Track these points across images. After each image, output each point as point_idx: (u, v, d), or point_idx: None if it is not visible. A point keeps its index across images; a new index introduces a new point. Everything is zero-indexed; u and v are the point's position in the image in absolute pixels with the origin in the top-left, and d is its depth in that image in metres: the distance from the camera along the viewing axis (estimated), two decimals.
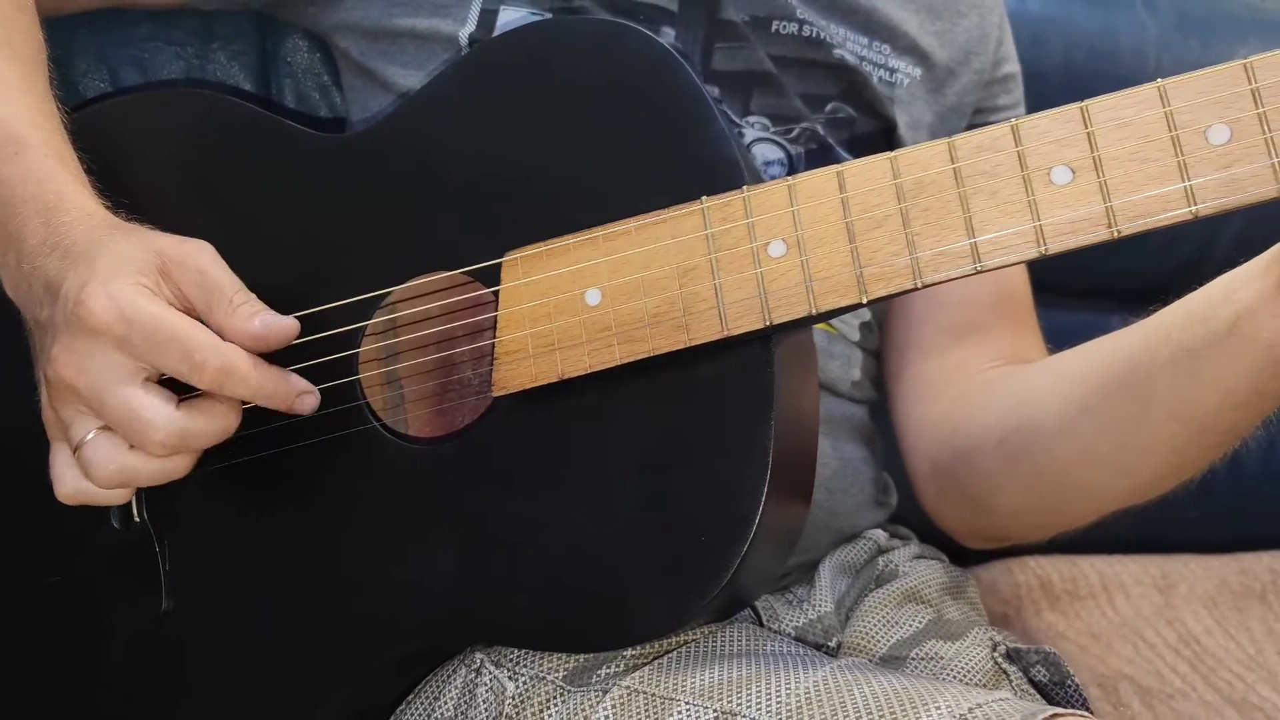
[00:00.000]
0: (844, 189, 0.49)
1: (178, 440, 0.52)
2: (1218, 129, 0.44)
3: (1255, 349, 0.49)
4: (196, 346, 0.50)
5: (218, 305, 0.53)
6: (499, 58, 0.60)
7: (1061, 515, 0.65)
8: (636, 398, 0.52)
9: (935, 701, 0.43)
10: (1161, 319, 0.55)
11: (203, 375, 0.50)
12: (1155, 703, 0.90)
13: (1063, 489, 0.62)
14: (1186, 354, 0.52)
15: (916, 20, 0.76)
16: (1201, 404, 0.53)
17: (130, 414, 0.51)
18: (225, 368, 0.50)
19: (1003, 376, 0.69)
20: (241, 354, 0.51)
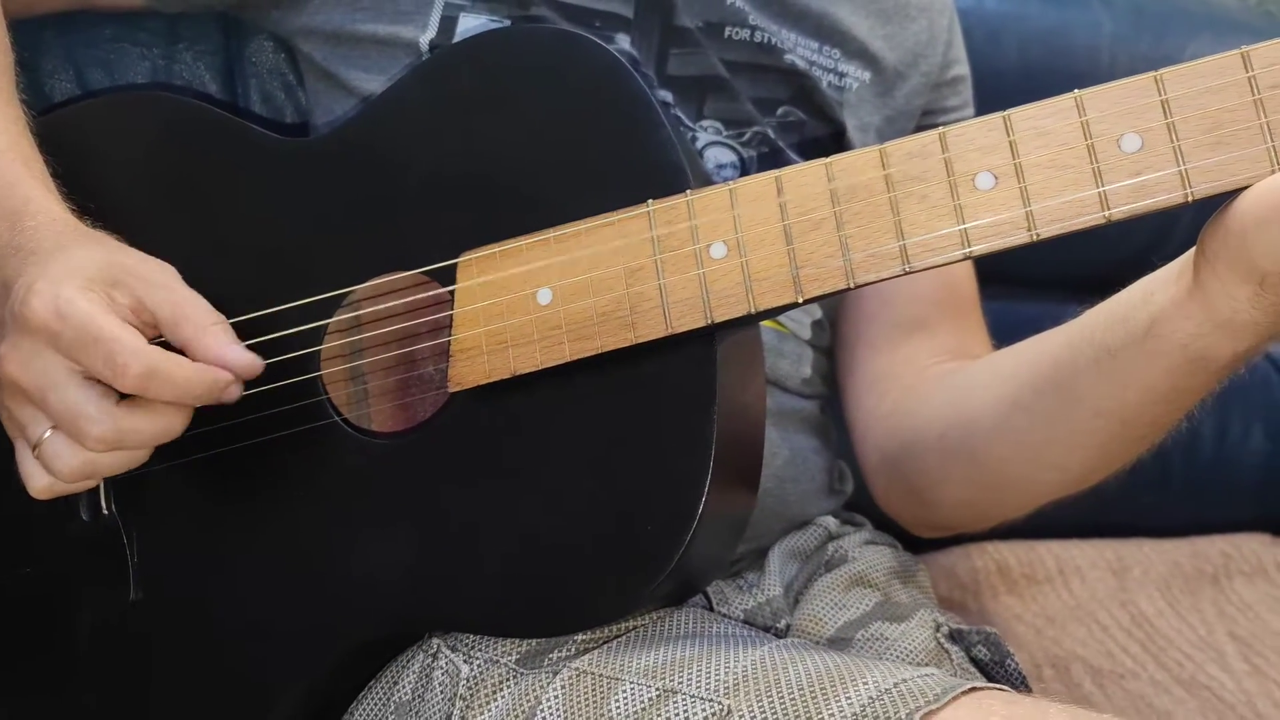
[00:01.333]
0: (782, 193, 0.51)
1: (114, 436, 0.52)
2: (1130, 138, 0.46)
3: (1171, 349, 0.51)
4: (121, 349, 0.51)
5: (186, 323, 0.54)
6: (456, 65, 0.62)
7: (999, 506, 0.68)
8: (586, 393, 0.54)
9: (864, 677, 0.46)
10: (1086, 320, 0.57)
11: (125, 379, 0.51)
12: (1106, 682, 0.93)
13: (998, 481, 0.65)
14: (1108, 354, 0.54)
15: (866, 25, 0.78)
16: (1124, 401, 0.55)
17: (67, 410, 0.52)
18: (149, 372, 0.51)
19: (946, 373, 0.71)
20: (167, 356, 0.52)
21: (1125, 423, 0.56)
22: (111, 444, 0.52)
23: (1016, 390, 0.61)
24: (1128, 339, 0.53)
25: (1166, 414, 0.56)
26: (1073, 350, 0.57)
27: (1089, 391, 0.56)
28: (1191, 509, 1.15)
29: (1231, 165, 0.45)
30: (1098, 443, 0.58)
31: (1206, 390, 0.54)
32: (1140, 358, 0.53)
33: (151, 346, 0.53)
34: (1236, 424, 1.16)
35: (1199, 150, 0.45)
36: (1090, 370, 0.56)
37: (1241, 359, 0.51)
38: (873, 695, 0.44)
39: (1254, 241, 0.45)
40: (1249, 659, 0.97)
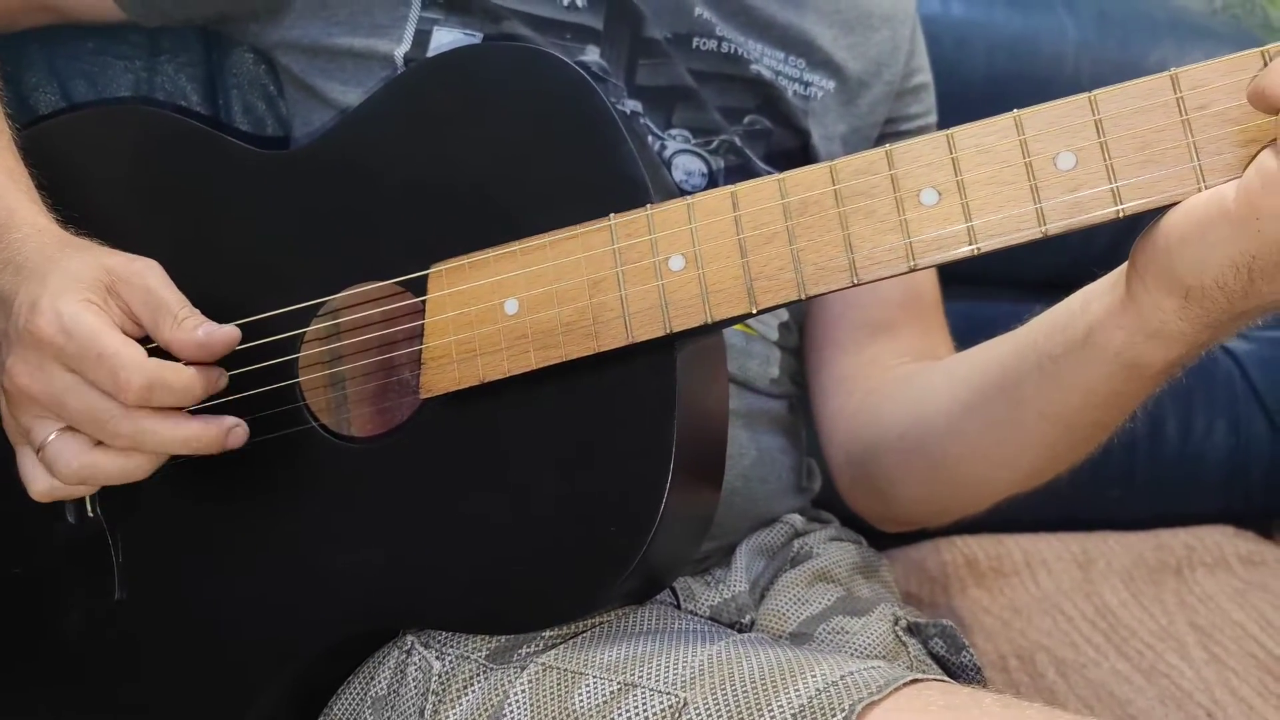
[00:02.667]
0: (737, 207, 0.53)
1: (135, 432, 0.55)
2: (1065, 156, 0.48)
3: (1107, 356, 0.53)
4: (123, 365, 0.53)
5: (163, 320, 0.57)
6: (428, 80, 0.64)
7: (956, 502, 0.71)
8: (552, 399, 0.56)
9: (813, 670, 0.48)
10: (1031, 328, 0.60)
11: (129, 393, 0.54)
12: (1069, 672, 0.96)
13: (953, 479, 0.67)
14: (1050, 360, 0.57)
15: (831, 35, 0.80)
16: (1066, 404, 0.57)
17: (89, 410, 0.55)
18: (149, 384, 0.54)
19: (907, 375, 0.73)
20: (166, 366, 0.55)
21: (1069, 425, 0.59)
22: (132, 441, 0.55)
23: (968, 394, 0.64)
24: (1067, 346, 0.55)
25: (1107, 416, 0.58)
26: (1018, 356, 0.60)
27: (1033, 395, 0.59)
28: (1156, 503, 1.18)
29: (1160, 183, 0.47)
30: (1044, 444, 0.61)
31: (1144, 394, 0.57)
32: (1079, 364, 0.55)
33: (150, 359, 0.56)
34: (1200, 419, 1.19)
35: (1130, 168, 0.48)
36: (1034, 375, 0.58)
37: (1174, 366, 0.53)
38: (820, 688, 0.47)
39: (1178, 257, 0.47)
40: (1208, 648, 0.99)
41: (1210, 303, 0.48)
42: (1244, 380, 1.19)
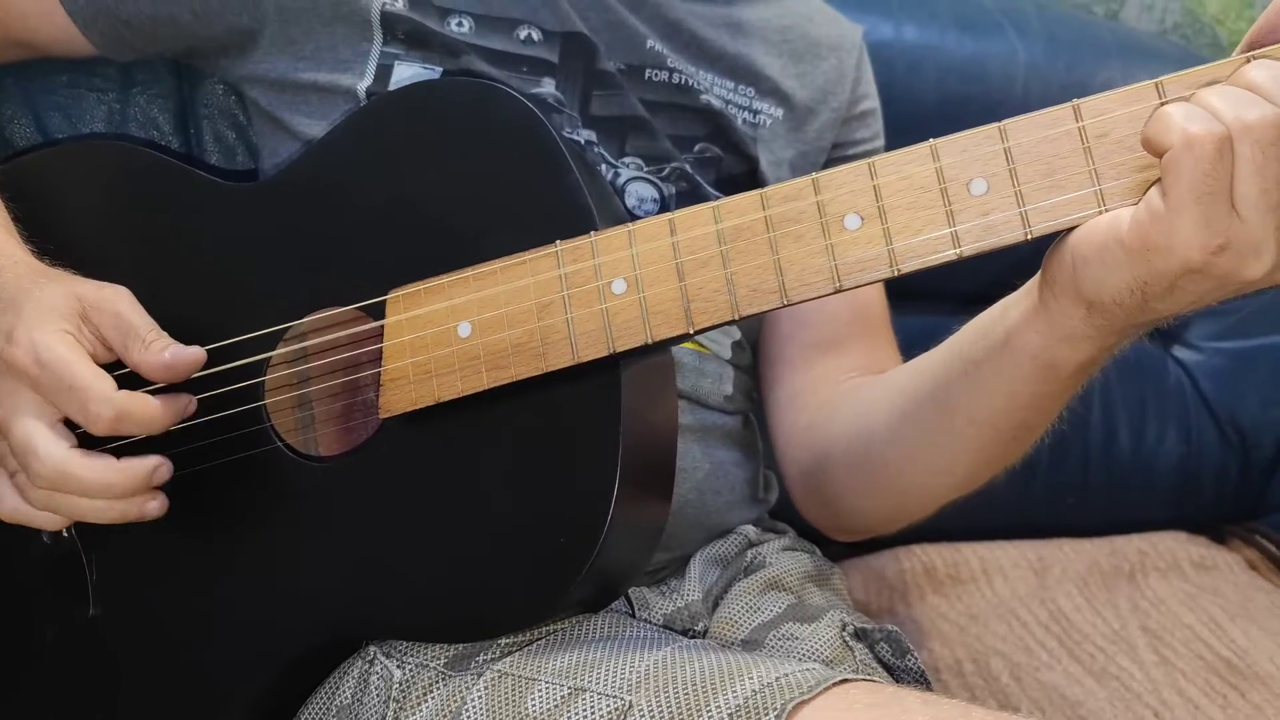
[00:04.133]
0: (675, 233, 0.56)
1: (56, 476, 0.57)
2: (978, 182, 0.52)
3: (1025, 359, 0.57)
4: (94, 398, 0.56)
5: (132, 344, 0.60)
6: (387, 115, 0.67)
7: (900, 510, 0.74)
8: (504, 417, 0.59)
9: (750, 672, 0.51)
10: (958, 336, 0.63)
11: (98, 425, 0.56)
12: (1022, 675, 0.99)
13: (895, 487, 0.70)
14: (974, 365, 0.60)
15: (779, 64, 0.83)
16: (992, 408, 0.61)
17: (23, 442, 0.57)
18: (117, 416, 0.56)
19: (853, 389, 0.77)
20: (134, 398, 0.57)
21: (996, 428, 0.62)
22: (51, 482, 0.57)
23: (904, 403, 0.67)
24: (989, 351, 0.59)
25: (1032, 418, 0.61)
26: (946, 364, 0.63)
27: (962, 400, 0.62)
28: (1111, 510, 1.21)
29: (1065, 206, 0.51)
30: (976, 447, 0.64)
31: (1064, 395, 0.60)
32: (1000, 368, 0.58)
33: (119, 392, 0.58)
34: (1152, 428, 1.22)
35: (1037, 193, 0.51)
36: (961, 381, 0.61)
37: (1087, 366, 0.57)
38: (755, 689, 0.50)
39: (1081, 276, 0.51)
40: (1158, 650, 1.02)
41: (1111, 315, 0.51)
42: (1194, 390, 1.23)
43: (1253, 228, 0.45)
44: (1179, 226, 0.46)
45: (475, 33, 0.75)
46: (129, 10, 0.75)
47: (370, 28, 0.74)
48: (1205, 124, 0.45)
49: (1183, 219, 0.46)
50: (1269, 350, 1.21)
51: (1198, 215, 0.45)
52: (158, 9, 0.75)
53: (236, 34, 0.76)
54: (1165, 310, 0.50)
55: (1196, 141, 0.45)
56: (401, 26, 0.73)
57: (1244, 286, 0.48)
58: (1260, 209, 0.45)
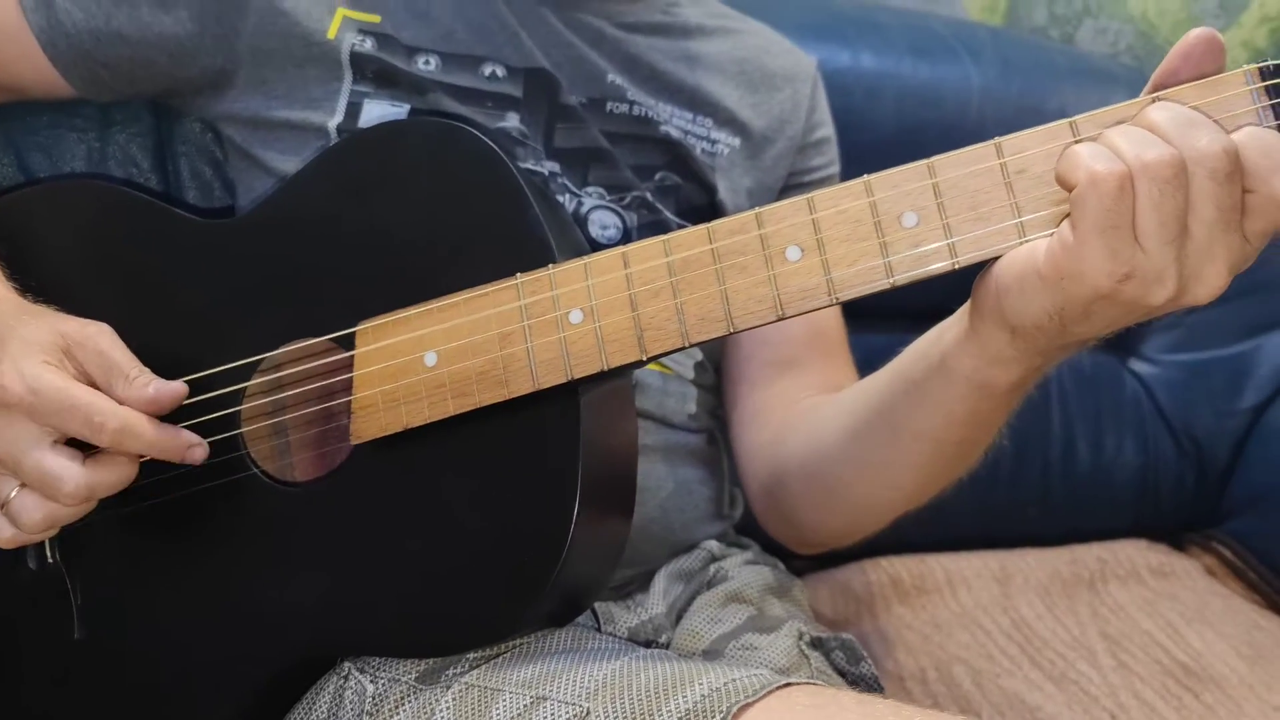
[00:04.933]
0: (628, 265, 0.59)
1: (86, 492, 0.61)
2: (909, 215, 0.55)
3: (960, 379, 0.60)
4: (97, 411, 0.59)
5: (116, 380, 0.62)
6: (356, 153, 0.70)
7: (855, 524, 0.77)
8: (469, 442, 0.62)
9: (701, 678, 0.54)
10: (900, 358, 0.67)
11: (103, 435, 0.59)
12: (984, 681, 1.02)
13: (847, 502, 0.74)
14: (914, 385, 0.64)
15: (736, 95, 0.87)
16: (932, 424, 0.64)
17: (42, 473, 0.60)
18: (123, 428, 0.60)
19: (810, 408, 0.80)
20: (138, 415, 0.61)
21: (939, 443, 0.65)
22: (82, 497, 0.61)
23: (853, 422, 0.70)
24: (927, 372, 0.62)
25: (972, 434, 0.65)
26: (890, 384, 0.66)
27: (905, 418, 0.65)
28: (1072, 519, 1.24)
29: (989, 237, 0.54)
30: (920, 462, 0.67)
31: (1001, 412, 0.63)
32: (938, 387, 0.62)
33: (123, 407, 0.61)
34: (1110, 439, 1.25)
35: (964, 225, 0.54)
36: (904, 400, 0.65)
37: (1018, 386, 0.60)
38: (704, 693, 0.53)
39: (1004, 303, 0.54)
40: (1116, 655, 1.06)
41: (1033, 340, 0.55)
42: (1150, 401, 1.27)
43: (1154, 258, 0.49)
44: (1087, 257, 0.49)
45: (442, 70, 0.78)
46: (108, 54, 0.78)
47: (340, 67, 0.77)
48: (1108, 163, 0.49)
49: (1090, 250, 0.49)
50: (1221, 362, 1.25)
51: (1104, 246, 0.49)
52: (136, 53, 0.78)
53: (212, 75, 0.79)
54: (1083, 333, 0.54)
55: (1100, 179, 0.48)
56: (370, 66, 0.77)
57: (1152, 311, 0.51)
58: (1160, 241, 0.49)
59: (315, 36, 0.76)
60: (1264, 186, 0.48)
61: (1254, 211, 0.49)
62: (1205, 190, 0.48)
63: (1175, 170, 0.48)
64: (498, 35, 0.80)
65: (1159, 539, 1.27)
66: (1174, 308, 0.51)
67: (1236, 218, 0.49)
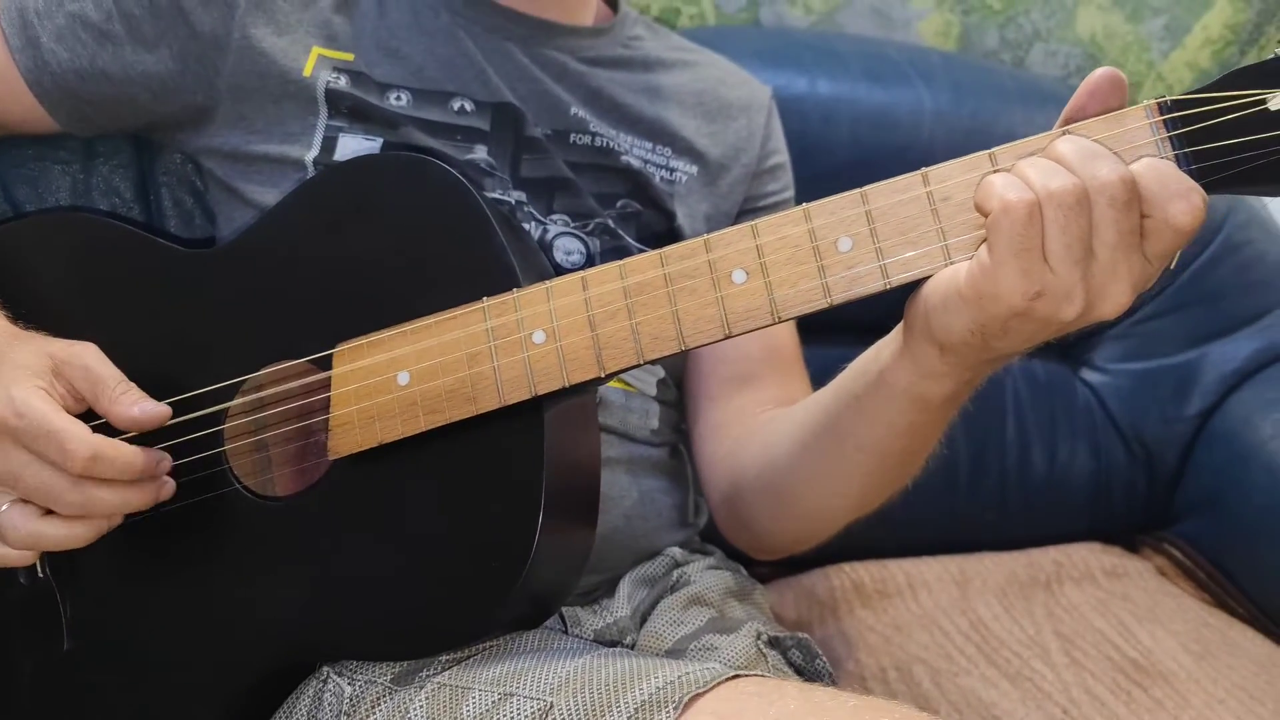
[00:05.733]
0: (587, 289, 0.64)
1: (83, 502, 0.64)
2: (844, 240, 0.59)
3: (896, 393, 0.64)
4: (70, 438, 0.62)
5: (102, 394, 0.66)
6: (332, 186, 0.74)
7: (807, 530, 0.81)
8: (440, 455, 0.66)
9: (657, 672, 0.58)
10: (844, 374, 0.71)
11: (74, 463, 0.62)
12: (942, 680, 1.06)
13: (798, 510, 0.78)
14: (856, 399, 0.68)
15: (694, 125, 0.91)
16: (874, 436, 0.68)
17: (41, 484, 0.64)
18: (93, 455, 0.63)
19: (766, 421, 0.84)
20: (108, 442, 0.64)
21: (881, 454, 0.70)
22: (80, 509, 0.64)
23: (803, 434, 0.75)
24: (867, 386, 0.67)
25: (912, 445, 0.69)
26: (835, 398, 0.71)
27: (848, 431, 0.70)
28: (1028, 524, 1.29)
29: (918, 260, 0.59)
30: (865, 472, 0.72)
31: (938, 424, 0.67)
32: (877, 401, 0.66)
33: (95, 435, 0.64)
34: (1064, 446, 1.30)
35: (894, 248, 0.59)
36: (847, 413, 0.69)
37: (952, 399, 0.64)
38: (660, 685, 0.57)
39: (932, 321, 0.58)
40: (1069, 653, 1.10)
41: (960, 355, 0.59)
42: (1102, 409, 1.32)
43: (1063, 278, 0.53)
44: (1002, 278, 0.54)
45: (413, 105, 0.82)
46: (93, 92, 0.81)
47: (316, 103, 0.81)
48: (1019, 192, 0.53)
49: (1004, 271, 0.54)
50: (1167, 370, 1.30)
51: (1016, 268, 0.53)
52: (119, 90, 0.82)
53: (192, 111, 0.83)
54: (1005, 348, 0.58)
55: (1011, 207, 0.53)
56: (345, 102, 0.81)
57: (1064, 326, 0.56)
58: (1067, 262, 0.53)
59: (292, 74, 0.80)
60: (1159, 212, 0.53)
61: (1152, 235, 0.54)
62: (1106, 216, 0.53)
63: (1078, 198, 0.53)
64: (466, 71, 0.84)
65: (1113, 542, 1.32)
66: (1084, 323, 0.56)
67: (1136, 240, 0.54)
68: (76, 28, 0.80)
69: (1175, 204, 0.52)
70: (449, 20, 0.85)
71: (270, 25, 0.81)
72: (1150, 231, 0.54)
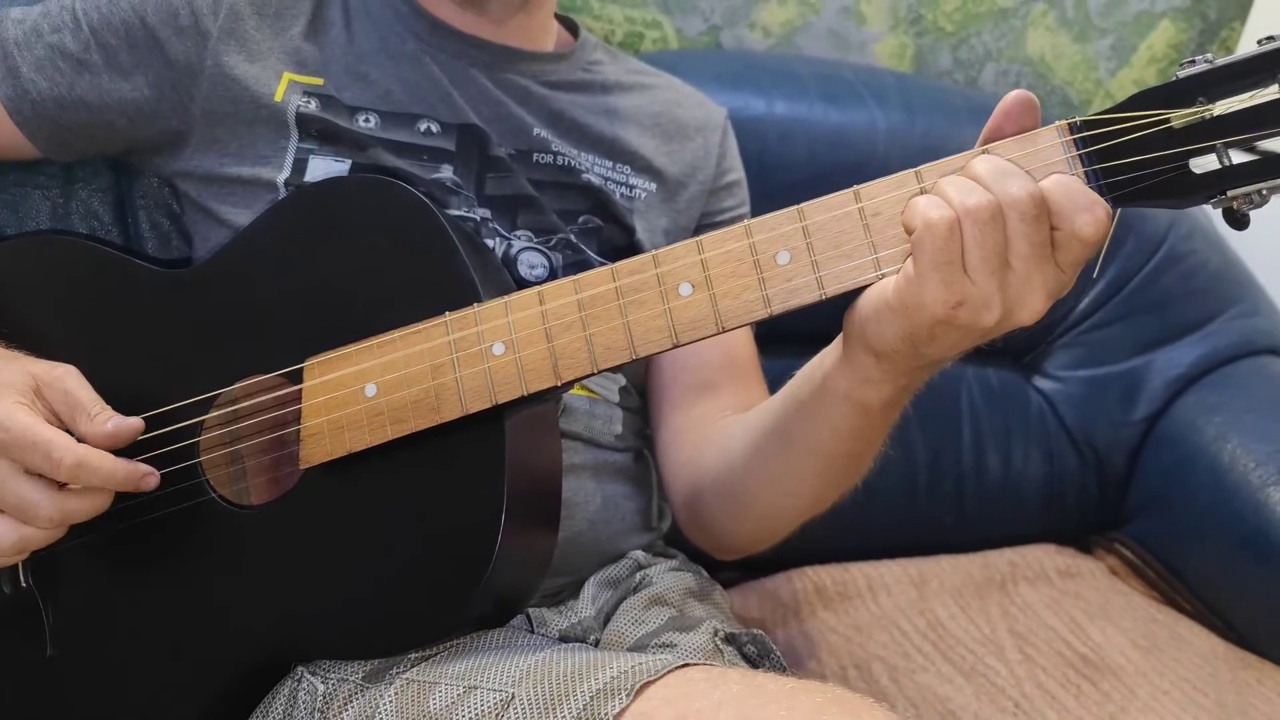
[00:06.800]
0: (543, 303, 0.67)
1: (61, 517, 0.68)
2: (783, 254, 0.63)
3: (838, 399, 0.68)
4: (56, 448, 0.66)
5: (79, 416, 0.69)
6: (302, 207, 0.77)
7: (763, 530, 0.85)
8: (407, 462, 0.69)
9: (613, 663, 0.61)
10: (791, 382, 0.75)
11: (60, 470, 0.66)
12: (900, 677, 1.10)
13: (753, 511, 0.81)
14: (802, 405, 0.72)
15: (652, 144, 0.95)
16: (821, 439, 0.72)
17: (20, 499, 0.67)
18: (78, 463, 0.66)
19: (723, 427, 0.88)
20: (93, 451, 0.67)
21: (828, 456, 0.73)
22: (58, 522, 0.67)
23: (756, 439, 0.78)
24: (811, 393, 0.70)
25: (857, 448, 0.73)
26: (784, 405, 0.75)
27: (797, 434, 0.73)
28: (985, 527, 1.33)
29: (851, 271, 0.63)
30: (814, 473, 0.75)
31: (882, 427, 0.71)
32: (821, 406, 0.70)
33: (80, 444, 0.67)
34: (1018, 452, 1.35)
35: (829, 261, 0.63)
36: (795, 418, 0.73)
37: (892, 403, 0.68)
38: (614, 675, 0.60)
39: (866, 331, 0.62)
40: (1023, 649, 1.14)
41: (894, 362, 0.63)
42: (1054, 415, 1.36)
43: (981, 288, 0.58)
44: (925, 289, 0.58)
45: (381, 127, 0.86)
46: (71, 119, 0.85)
47: (287, 127, 0.84)
48: (939, 210, 0.57)
49: (928, 283, 0.58)
50: (1115, 377, 1.35)
51: (938, 280, 0.58)
52: (97, 117, 0.85)
53: (168, 136, 0.86)
54: (934, 354, 0.62)
55: (933, 224, 0.57)
56: (315, 125, 0.84)
57: (986, 332, 0.60)
58: (984, 273, 0.57)
59: (263, 99, 0.84)
60: (1067, 224, 0.57)
61: (1062, 245, 0.58)
62: (1019, 229, 0.57)
63: (992, 213, 0.57)
64: (432, 95, 0.88)
65: (1066, 543, 1.36)
66: (1005, 329, 0.60)
67: (1048, 252, 0.58)
68: (55, 58, 0.84)
69: (1081, 216, 0.57)
70: (415, 46, 0.89)
71: (242, 52, 0.84)
72: (1060, 243, 0.58)
